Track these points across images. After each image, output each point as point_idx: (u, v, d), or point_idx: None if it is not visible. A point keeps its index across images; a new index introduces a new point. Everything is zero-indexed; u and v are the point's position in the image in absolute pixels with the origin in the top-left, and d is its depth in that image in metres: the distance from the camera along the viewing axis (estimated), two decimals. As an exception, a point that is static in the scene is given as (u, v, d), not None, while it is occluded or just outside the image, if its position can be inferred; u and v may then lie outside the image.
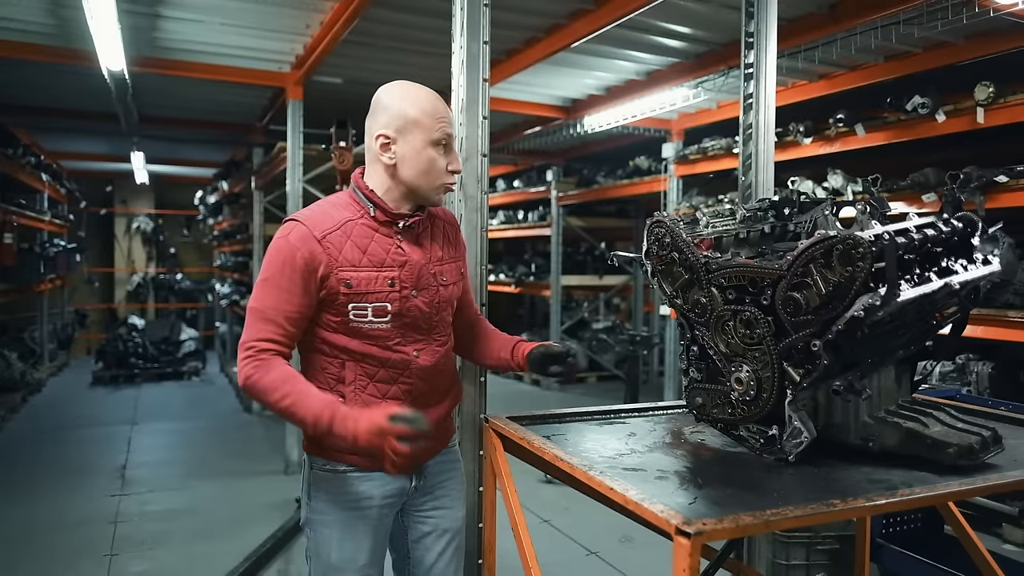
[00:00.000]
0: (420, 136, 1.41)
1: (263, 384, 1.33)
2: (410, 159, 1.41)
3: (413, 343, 1.45)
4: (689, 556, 0.98)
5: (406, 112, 1.41)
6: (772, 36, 2.24)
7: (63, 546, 3.36)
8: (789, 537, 2.57)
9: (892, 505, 1.15)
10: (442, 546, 1.57)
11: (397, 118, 1.41)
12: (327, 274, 1.37)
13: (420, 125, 1.40)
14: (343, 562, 1.45)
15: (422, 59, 4.25)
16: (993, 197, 3.21)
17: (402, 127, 1.41)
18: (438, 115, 1.42)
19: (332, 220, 1.40)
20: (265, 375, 1.33)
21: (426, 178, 1.42)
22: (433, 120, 1.41)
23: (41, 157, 7.43)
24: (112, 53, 3.70)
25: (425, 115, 1.41)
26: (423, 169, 1.42)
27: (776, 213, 1.69)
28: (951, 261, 1.36)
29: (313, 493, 1.49)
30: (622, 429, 1.64)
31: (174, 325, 8.72)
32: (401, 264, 1.42)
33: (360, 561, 1.45)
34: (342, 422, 1.29)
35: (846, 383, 1.27)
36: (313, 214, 1.42)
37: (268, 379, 1.33)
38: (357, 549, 1.45)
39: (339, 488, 1.46)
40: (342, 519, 1.45)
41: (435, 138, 1.41)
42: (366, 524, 1.46)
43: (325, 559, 1.46)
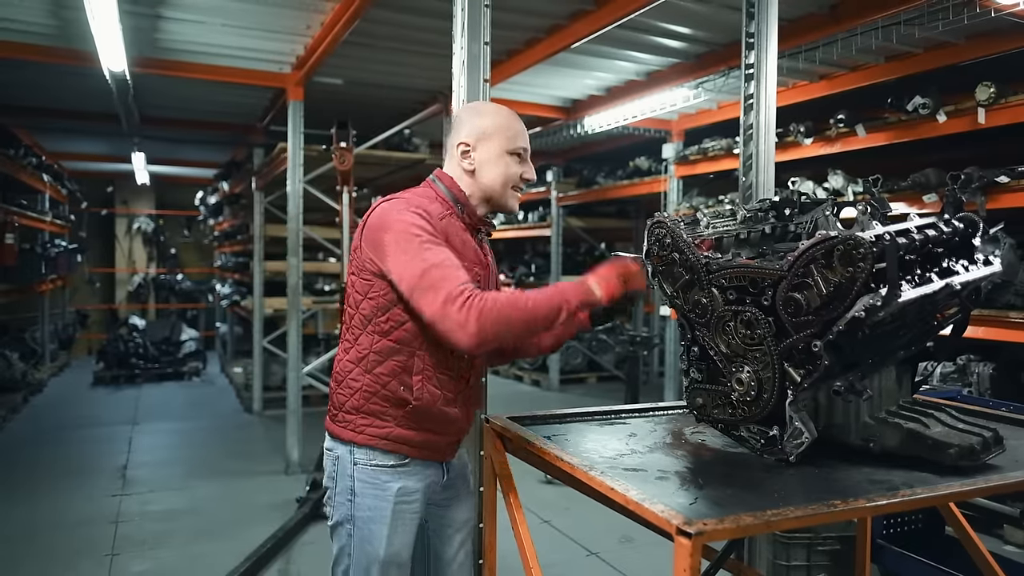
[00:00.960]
0: (497, 144, 1.54)
1: (498, 315, 1.29)
2: (488, 164, 1.54)
3: None
4: (690, 556, 0.98)
5: (484, 124, 1.55)
6: (773, 36, 2.24)
7: (64, 546, 3.36)
8: (790, 538, 2.57)
9: (893, 506, 1.15)
10: (461, 538, 1.64)
11: (476, 128, 1.55)
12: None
13: (497, 134, 1.54)
14: (391, 555, 1.49)
15: (423, 60, 4.25)
16: (994, 198, 3.20)
17: (481, 136, 1.54)
18: (515, 128, 1.56)
19: (435, 210, 1.48)
20: (493, 307, 1.30)
21: (502, 182, 1.54)
22: (510, 131, 1.55)
23: (42, 158, 7.44)
24: (113, 54, 3.70)
25: (501, 126, 1.55)
26: (498, 173, 1.53)
27: (777, 214, 1.69)
28: (952, 262, 1.36)
29: (360, 489, 1.49)
30: (623, 429, 1.64)
31: (175, 325, 8.72)
32: (484, 265, 1.55)
33: (405, 556, 1.52)
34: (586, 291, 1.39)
35: (847, 384, 1.27)
36: (419, 200, 1.47)
37: (498, 307, 1.30)
38: (403, 543, 1.51)
39: (389, 483, 1.49)
40: (392, 513, 1.49)
41: (515, 147, 1.54)
42: (412, 518, 1.52)
43: (373, 554, 1.48)
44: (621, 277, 1.43)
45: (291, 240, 4.61)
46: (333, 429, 1.53)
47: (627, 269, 1.45)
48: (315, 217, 5.77)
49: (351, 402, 1.49)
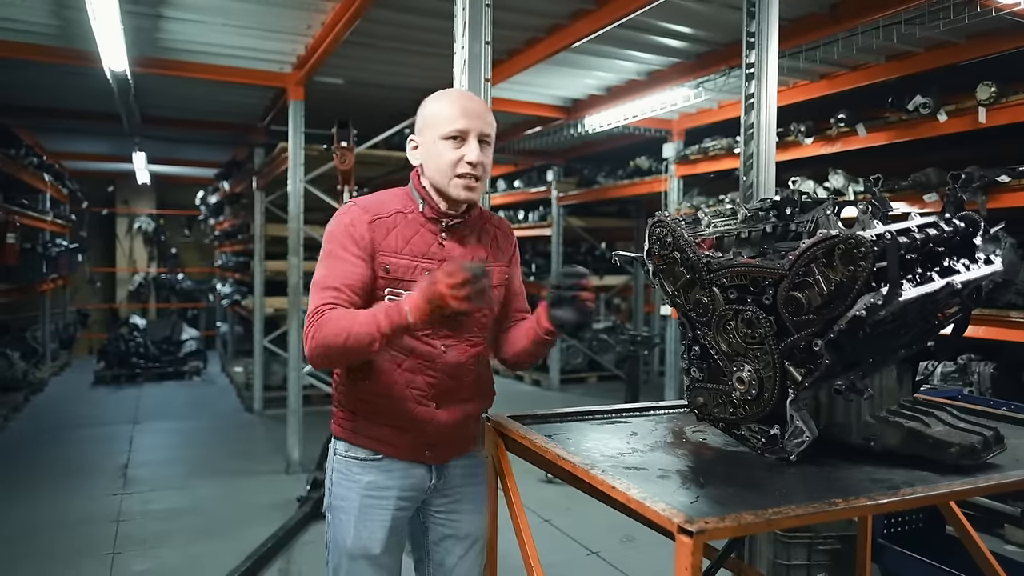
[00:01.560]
0: (431, 132, 1.48)
1: (323, 334, 1.33)
2: (426, 156, 1.49)
3: (442, 338, 1.48)
4: (691, 555, 0.98)
5: (422, 114, 1.51)
6: (773, 36, 2.24)
7: (65, 545, 3.37)
8: (790, 537, 2.57)
9: (894, 504, 1.15)
10: (462, 550, 1.59)
11: (418, 120, 1.52)
12: (372, 255, 1.44)
13: (431, 123, 1.48)
14: (357, 549, 1.48)
15: (423, 60, 4.25)
16: (995, 197, 3.20)
17: (421, 128, 1.51)
18: (445, 112, 1.46)
19: (386, 208, 1.48)
20: (320, 331, 1.34)
21: (438, 170, 1.47)
22: (444, 117, 1.46)
23: (43, 157, 7.45)
24: (115, 54, 3.70)
25: (435, 113, 1.48)
26: (434, 164, 1.47)
27: (778, 213, 1.69)
28: (953, 261, 1.36)
29: (335, 479, 1.53)
30: (624, 428, 1.64)
31: (175, 325, 8.73)
32: (441, 259, 1.47)
33: (373, 551, 1.48)
34: (397, 310, 1.32)
35: (848, 382, 1.27)
36: (370, 200, 1.50)
37: (327, 328, 1.33)
38: (371, 538, 1.48)
39: (359, 474, 1.50)
40: (359, 505, 1.48)
41: (445, 132, 1.45)
42: (382, 514, 1.49)
43: (341, 545, 1.49)
44: (431, 301, 1.28)
45: (292, 240, 4.62)
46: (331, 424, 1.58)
47: (434, 292, 1.28)
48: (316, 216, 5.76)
49: (335, 396, 1.56)
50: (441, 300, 1.27)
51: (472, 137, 1.46)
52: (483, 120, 1.48)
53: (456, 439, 1.56)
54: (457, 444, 1.57)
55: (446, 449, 1.55)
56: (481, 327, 1.54)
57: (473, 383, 1.56)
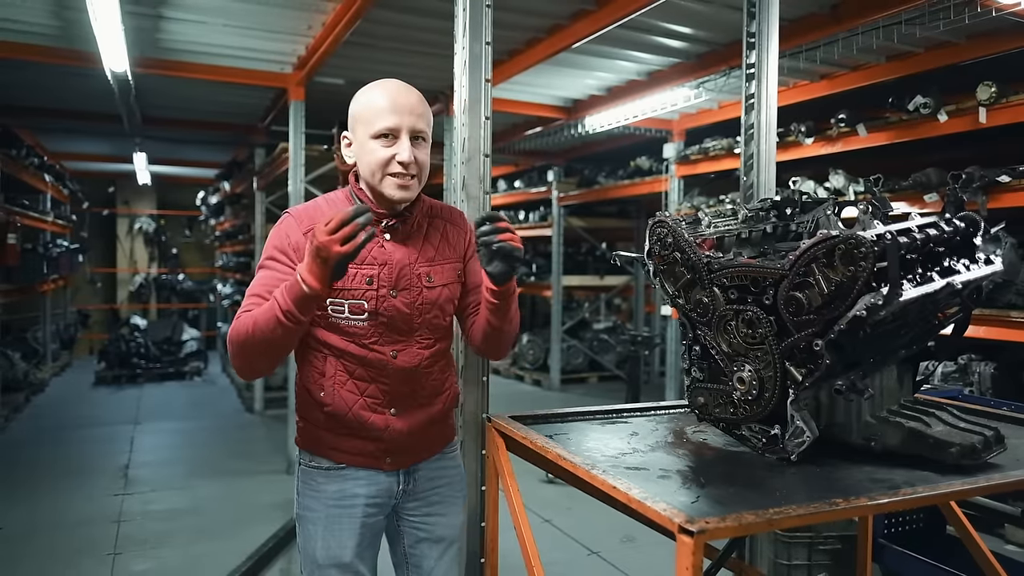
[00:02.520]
0: (362, 131, 1.41)
1: (233, 335, 1.32)
2: (358, 155, 1.44)
3: (391, 343, 1.43)
4: (692, 554, 0.98)
5: (353, 111, 1.44)
6: (774, 36, 2.24)
7: (66, 545, 3.37)
8: (791, 537, 2.57)
9: (895, 504, 1.15)
10: (439, 553, 1.56)
11: (350, 118, 1.44)
12: None
13: (361, 120, 1.41)
14: (327, 559, 1.45)
15: (424, 60, 4.25)
16: (995, 197, 3.20)
17: (352, 126, 1.44)
18: (375, 107, 1.39)
19: (320, 215, 1.38)
20: (231, 333, 1.33)
21: (370, 171, 1.41)
22: (374, 113, 1.39)
23: (44, 158, 7.45)
24: (115, 54, 3.70)
25: (366, 110, 1.41)
26: (365, 162, 1.41)
27: (778, 213, 1.69)
28: (953, 261, 1.37)
29: (301, 489, 1.50)
30: (624, 429, 1.64)
31: (176, 325, 8.73)
32: (382, 263, 1.42)
33: (344, 559, 1.45)
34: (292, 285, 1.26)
35: (848, 382, 1.28)
36: (305, 209, 1.47)
37: (233, 333, 1.33)
38: (341, 547, 1.45)
39: (324, 485, 1.47)
40: (326, 516, 1.46)
41: (375, 130, 1.38)
42: (350, 522, 1.46)
43: (311, 555, 1.47)
44: (316, 256, 1.22)
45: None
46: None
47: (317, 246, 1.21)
48: (316, 217, 5.77)
49: (296, 407, 1.53)
50: (324, 249, 1.20)
51: (404, 134, 1.38)
52: (416, 115, 1.40)
53: (418, 444, 1.51)
54: (421, 448, 1.52)
55: (408, 455, 1.50)
56: (432, 328, 1.47)
57: (432, 385, 1.49)
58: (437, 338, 1.50)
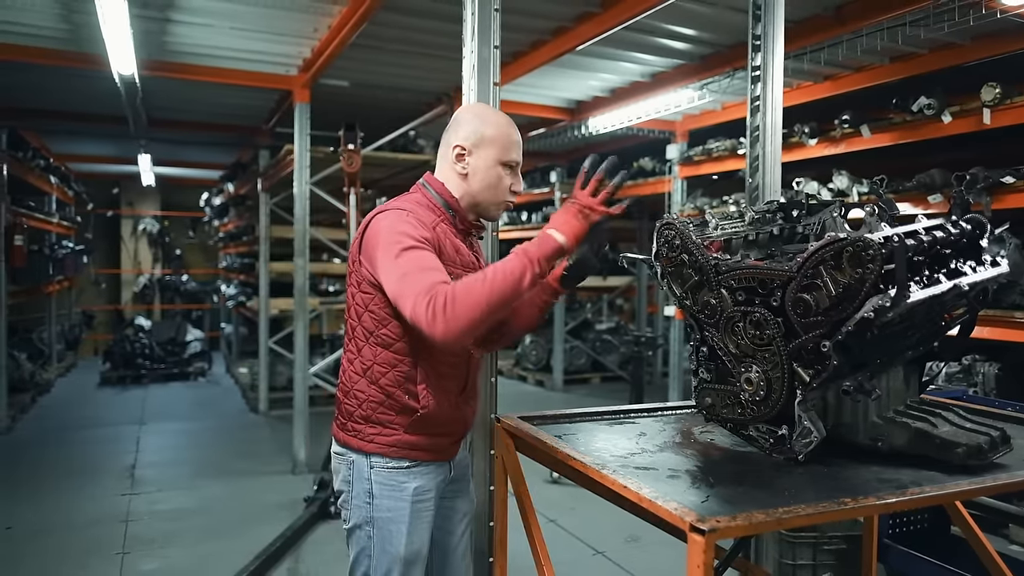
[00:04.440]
0: (493, 153, 1.53)
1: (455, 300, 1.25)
2: (481, 172, 1.53)
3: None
4: (703, 553, 1.00)
5: (484, 131, 1.54)
6: (779, 38, 2.25)
7: (75, 545, 3.39)
8: (796, 537, 2.58)
9: (902, 504, 1.17)
10: (462, 528, 1.67)
11: (475, 134, 1.53)
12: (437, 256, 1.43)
13: (494, 144, 1.53)
14: (412, 554, 1.51)
15: (430, 62, 4.27)
16: (999, 198, 3.21)
17: (478, 142, 1.53)
18: (512, 139, 1.56)
19: (428, 217, 1.48)
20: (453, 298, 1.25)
21: (491, 192, 1.54)
22: (507, 141, 1.54)
23: (50, 160, 7.48)
24: (123, 57, 3.73)
25: (500, 136, 1.55)
26: (491, 183, 1.53)
27: (785, 215, 1.70)
28: (960, 263, 1.38)
29: (378, 491, 1.51)
30: (632, 429, 1.65)
31: (180, 326, 8.76)
32: (474, 269, 1.53)
33: (424, 551, 1.54)
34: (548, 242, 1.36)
35: (856, 383, 1.29)
36: (411, 207, 1.47)
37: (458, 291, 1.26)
38: (422, 541, 1.53)
39: (406, 483, 1.51)
40: (411, 512, 1.51)
41: (508, 159, 1.54)
42: (428, 515, 1.55)
43: (395, 553, 1.50)
44: (580, 214, 1.40)
45: (298, 241, 4.64)
46: (343, 438, 1.54)
47: (582, 203, 1.42)
48: (320, 218, 5.79)
49: (359, 412, 1.50)
50: (589, 209, 1.40)
51: (518, 169, 1.57)
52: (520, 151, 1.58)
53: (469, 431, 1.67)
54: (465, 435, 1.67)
55: (462, 442, 1.64)
56: None
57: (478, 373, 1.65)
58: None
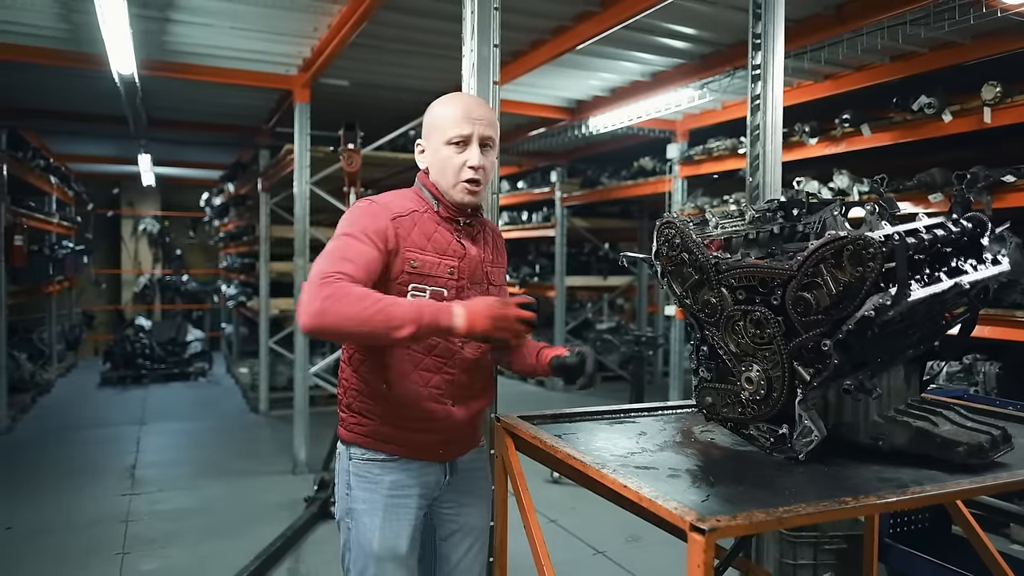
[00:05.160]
0: (436, 137, 1.51)
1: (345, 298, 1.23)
2: (432, 160, 1.53)
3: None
4: (704, 552, 0.99)
5: (428, 119, 1.54)
6: (779, 37, 2.25)
7: (75, 545, 3.39)
8: (797, 536, 2.58)
9: (903, 503, 1.16)
10: (468, 544, 1.61)
11: (424, 127, 1.55)
12: (395, 250, 1.42)
13: (436, 128, 1.51)
14: (385, 550, 1.48)
15: (430, 62, 4.27)
16: (1000, 197, 3.20)
17: (427, 133, 1.54)
18: (452, 116, 1.49)
19: (402, 207, 1.49)
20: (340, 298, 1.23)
21: (443, 176, 1.50)
22: (448, 121, 1.49)
23: (50, 160, 7.48)
24: (123, 57, 3.73)
25: (440, 117, 1.51)
26: (439, 168, 1.50)
27: (785, 214, 1.70)
28: (961, 261, 1.37)
29: (354, 483, 1.52)
30: (632, 428, 1.65)
31: (180, 326, 8.76)
32: (461, 256, 1.50)
33: (400, 549, 1.49)
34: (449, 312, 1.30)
35: (856, 382, 1.28)
36: (383, 200, 1.50)
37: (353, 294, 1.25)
38: (398, 537, 1.49)
39: (381, 476, 1.50)
40: (384, 506, 1.49)
41: (448, 137, 1.48)
42: (407, 512, 1.51)
43: (367, 548, 1.48)
44: (494, 320, 1.33)
45: (298, 241, 4.64)
46: (338, 429, 1.58)
47: (503, 314, 1.34)
48: (319, 218, 5.79)
49: (345, 400, 1.55)
50: (505, 323, 1.35)
51: (474, 141, 1.48)
52: (486, 123, 1.50)
53: (468, 435, 1.60)
54: (468, 440, 1.61)
55: (458, 446, 1.59)
56: None
57: (484, 378, 1.60)
58: None
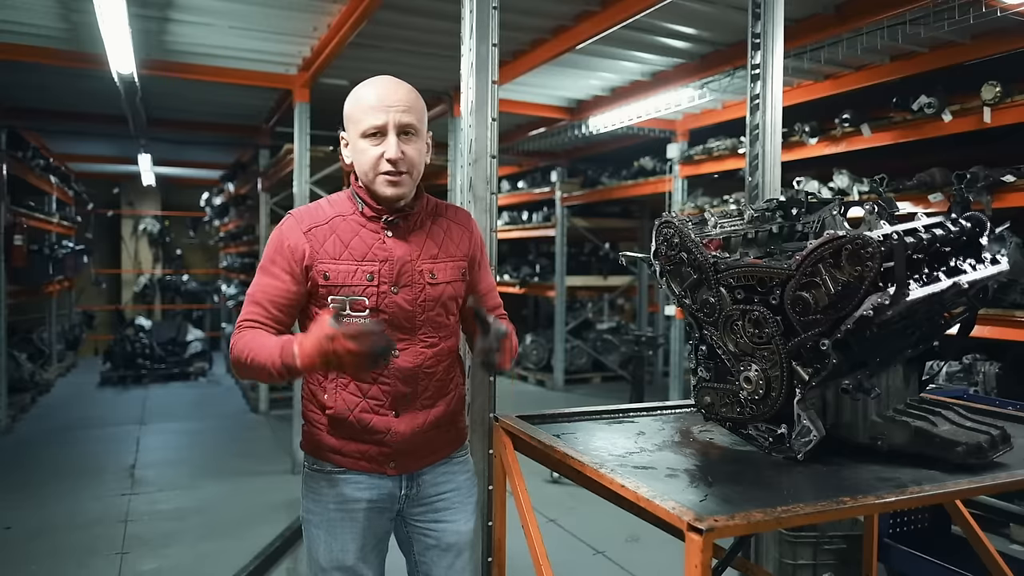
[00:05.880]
0: (352, 130, 1.42)
1: (235, 354, 1.35)
2: (352, 155, 1.44)
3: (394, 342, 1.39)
4: (701, 552, 0.99)
5: (346, 111, 1.44)
6: (779, 37, 2.25)
7: (75, 544, 3.39)
8: (796, 537, 2.58)
9: (902, 503, 1.16)
10: (448, 561, 1.51)
11: (344, 118, 1.44)
12: (310, 265, 1.39)
13: (351, 120, 1.42)
14: (329, 563, 1.45)
15: (429, 61, 4.26)
16: (1000, 197, 3.20)
17: (346, 125, 1.44)
18: (364, 105, 1.38)
19: (323, 215, 1.43)
20: (236, 344, 1.35)
21: (363, 170, 1.41)
22: (362, 112, 1.38)
23: (50, 160, 7.48)
24: (122, 57, 3.73)
25: (355, 109, 1.41)
26: (358, 162, 1.42)
27: (784, 213, 1.70)
28: (960, 261, 1.37)
29: (305, 492, 1.51)
30: (631, 428, 1.65)
31: (180, 326, 8.76)
32: (383, 259, 1.41)
33: (346, 562, 1.44)
34: (289, 352, 1.26)
35: (855, 382, 1.28)
36: (307, 209, 1.47)
37: (239, 347, 1.35)
38: (343, 550, 1.44)
39: (325, 488, 1.47)
40: (328, 519, 1.46)
41: (363, 129, 1.38)
42: (352, 526, 1.45)
43: (315, 558, 1.48)
44: (322, 355, 1.21)
45: (297, 241, 4.63)
46: None
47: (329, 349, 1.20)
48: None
49: (302, 410, 1.52)
50: (336, 359, 1.21)
51: (391, 131, 1.37)
52: (402, 110, 1.37)
53: (422, 448, 1.47)
54: (425, 452, 1.49)
55: (412, 459, 1.47)
56: (435, 325, 1.45)
57: (435, 386, 1.46)
58: (441, 337, 1.47)
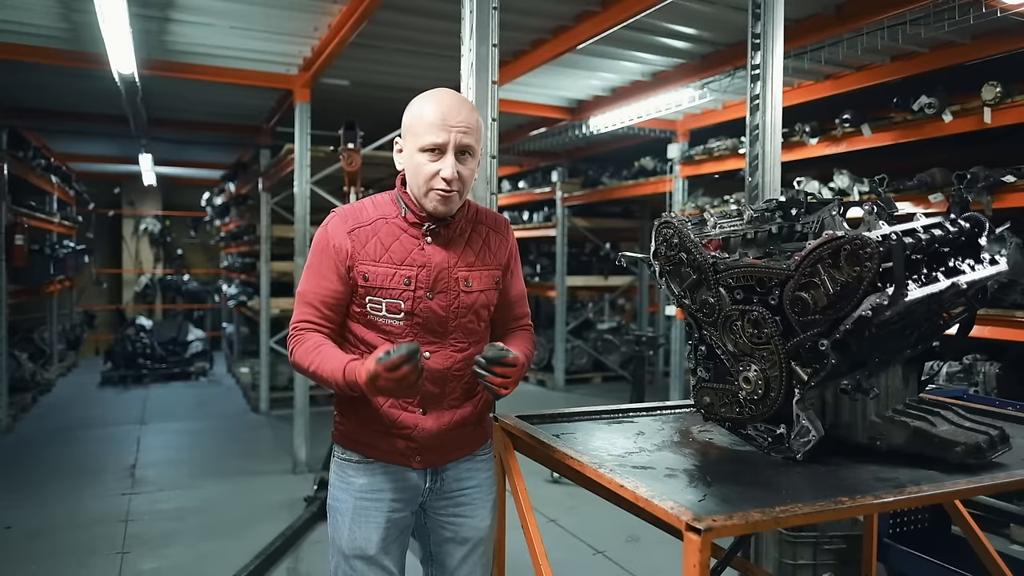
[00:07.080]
0: (411, 142, 1.44)
1: (297, 358, 1.45)
2: (408, 165, 1.47)
3: (426, 344, 1.46)
4: (699, 552, 0.99)
5: (406, 121, 1.47)
6: (779, 37, 2.25)
7: (75, 544, 3.40)
8: (796, 537, 2.58)
9: (901, 503, 1.16)
10: (463, 553, 1.58)
11: (402, 127, 1.48)
12: (352, 265, 1.45)
13: (412, 131, 1.44)
14: (352, 550, 1.49)
15: (429, 61, 4.27)
16: (1000, 197, 3.20)
17: (404, 134, 1.48)
18: (425, 120, 1.40)
19: (367, 216, 1.48)
20: (299, 348, 1.45)
21: (415, 183, 1.44)
22: (425, 126, 1.40)
23: (51, 159, 7.50)
24: (123, 56, 3.73)
25: (417, 122, 1.43)
26: (412, 173, 1.45)
27: (783, 214, 1.70)
28: (958, 261, 1.37)
29: (333, 480, 1.56)
30: (630, 428, 1.65)
31: (181, 326, 8.76)
32: (421, 265, 1.45)
33: (369, 551, 1.49)
34: (352, 373, 1.36)
35: (854, 382, 1.28)
36: (352, 209, 1.51)
37: (300, 351, 1.44)
38: (366, 539, 1.49)
39: (354, 477, 1.52)
40: (354, 507, 1.50)
41: (422, 144, 1.40)
42: (376, 516, 1.50)
43: (338, 545, 1.52)
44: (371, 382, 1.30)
45: (298, 241, 4.64)
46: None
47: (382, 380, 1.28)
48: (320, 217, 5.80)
49: (335, 401, 1.59)
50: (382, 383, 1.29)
51: (450, 150, 1.40)
52: (463, 131, 1.40)
53: (448, 444, 1.53)
54: (451, 449, 1.55)
55: (438, 454, 1.53)
56: (467, 332, 1.51)
57: (463, 388, 1.52)
58: (471, 342, 1.52)
